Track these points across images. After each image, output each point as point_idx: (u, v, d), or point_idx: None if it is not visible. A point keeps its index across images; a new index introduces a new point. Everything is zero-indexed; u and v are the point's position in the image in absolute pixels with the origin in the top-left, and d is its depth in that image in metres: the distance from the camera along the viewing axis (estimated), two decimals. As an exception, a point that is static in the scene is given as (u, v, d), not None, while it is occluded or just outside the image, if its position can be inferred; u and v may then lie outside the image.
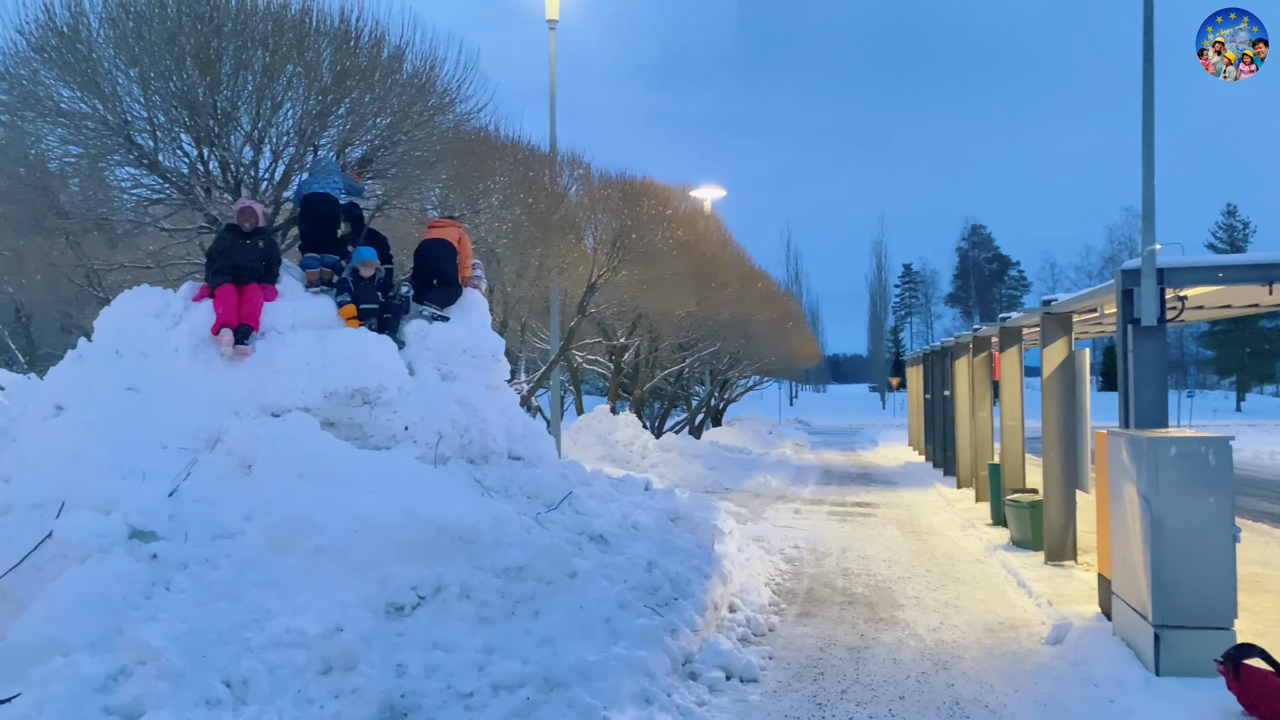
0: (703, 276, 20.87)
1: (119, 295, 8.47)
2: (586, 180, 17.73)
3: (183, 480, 6.85)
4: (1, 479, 7.17)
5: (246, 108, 8.59)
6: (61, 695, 4.97)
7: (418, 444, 8.13)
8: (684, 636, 6.68)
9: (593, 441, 20.38)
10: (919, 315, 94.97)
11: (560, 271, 15.96)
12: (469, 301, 9.51)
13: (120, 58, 8.22)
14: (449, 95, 9.78)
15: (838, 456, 28.83)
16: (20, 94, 8.38)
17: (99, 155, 8.73)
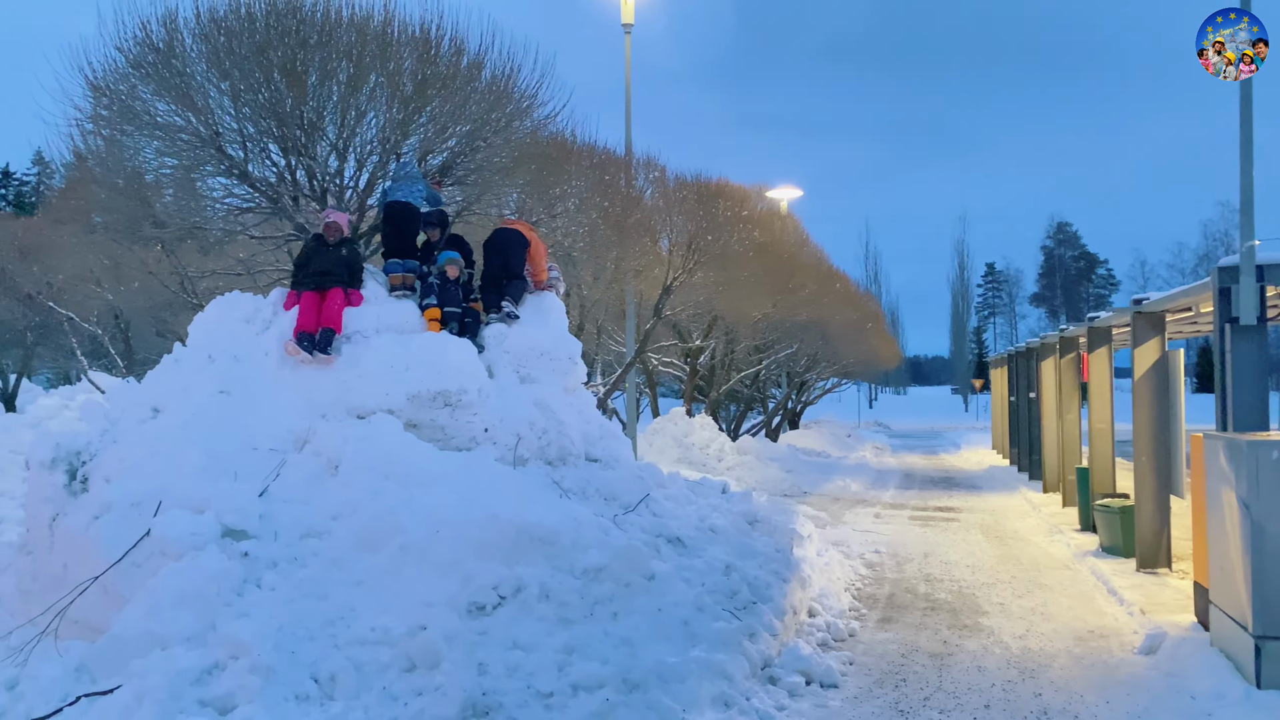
0: (779, 278, 20.72)
1: (211, 301, 8.79)
2: (662, 183, 17.78)
3: (272, 481, 7.07)
4: (103, 478, 7.48)
5: (332, 118, 8.84)
6: (160, 688, 5.17)
7: (497, 446, 8.26)
8: (763, 640, 6.65)
9: (668, 444, 20.39)
10: (1003, 315, 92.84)
11: (636, 274, 16.03)
12: (546, 305, 9.61)
13: (212, 72, 8.54)
14: (526, 101, 9.90)
15: (919, 460, 28.35)
16: (120, 109, 8.75)
17: (192, 166, 9.07)
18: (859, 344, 29.63)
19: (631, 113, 17.77)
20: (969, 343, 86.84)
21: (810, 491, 18.23)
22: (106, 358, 19.72)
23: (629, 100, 17.92)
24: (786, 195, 26.27)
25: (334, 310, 8.12)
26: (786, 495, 17.08)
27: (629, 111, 17.84)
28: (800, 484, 18.93)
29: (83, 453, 7.80)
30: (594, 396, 10.63)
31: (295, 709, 5.18)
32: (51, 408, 17.71)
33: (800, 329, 24.37)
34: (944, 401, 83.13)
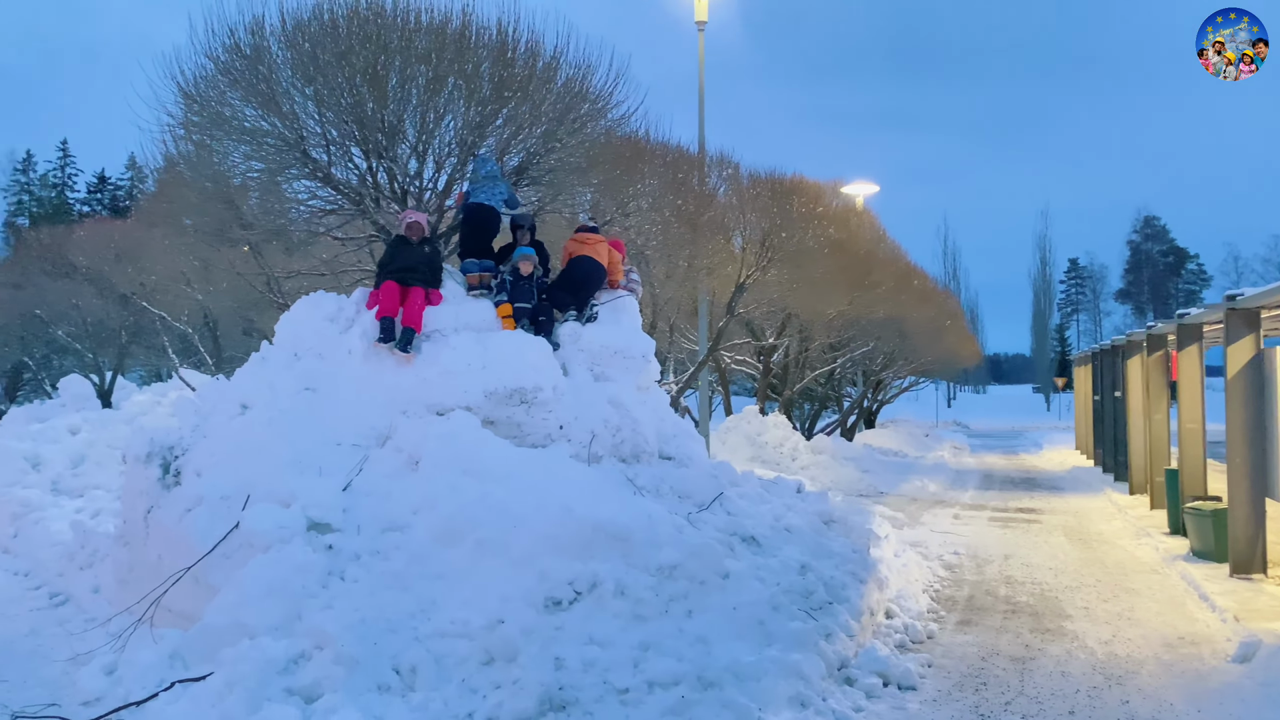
0: (855, 275, 20.47)
1: (297, 301, 9.04)
2: (735, 180, 17.71)
3: (355, 475, 7.25)
4: (195, 472, 7.76)
5: (411, 120, 9.02)
6: (249, 676, 5.34)
7: (572, 443, 8.33)
8: (839, 641, 6.59)
9: (741, 443, 20.29)
10: (1086, 312, 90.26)
11: (708, 272, 16.00)
12: (621, 304, 9.66)
13: (297, 77, 8.78)
14: (601, 102, 9.97)
15: (999, 460, 27.76)
16: (209, 115, 9.06)
17: (278, 170, 9.34)
18: (937, 342, 29.11)
19: (705, 110, 17.75)
20: (1051, 340, 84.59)
21: (887, 492, 17.99)
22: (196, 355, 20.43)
23: (702, 98, 17.89)
24: (862, 191, 25.94)
25: (415, 310, 8.29)
26: (862, 495, 16.87)
27: (702, 109, 17.81)
28: (876, 484, 18.68)
29: (175, 447, 8.11)
30: (667, 394, 10.64)
31: (378, 699, 5.31)
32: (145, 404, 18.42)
33: (877, 327, 24.04)
34: (1025, 400, 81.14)
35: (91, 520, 10.74)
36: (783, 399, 24.01)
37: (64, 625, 7.84)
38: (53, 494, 12.79)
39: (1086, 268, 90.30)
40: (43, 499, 12.30)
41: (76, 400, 19.79)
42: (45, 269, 22.73)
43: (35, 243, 24.65)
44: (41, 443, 14.30)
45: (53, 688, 6.20)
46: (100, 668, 6.24)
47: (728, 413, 23.78)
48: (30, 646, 7.25)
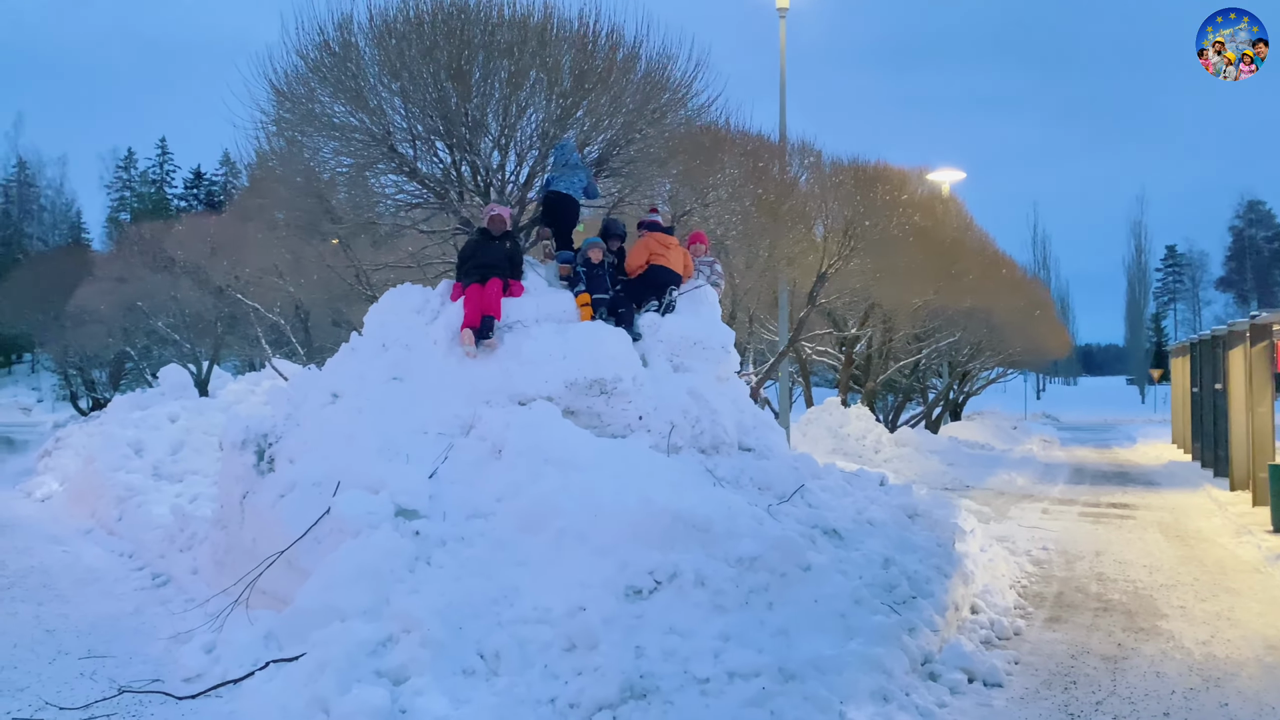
0: (941, 263, 20.08)
1: (384, 293, 9.26)
2: (817, 168, 17.54)
3: (441, 463, 7.41)
4: (288, 459, 8.02)
5: (494, 114, 9.14)
6: (339, 657, 5.51)
7: (651, 433, 8.37)
8: (923, 636, 6.51)
9: (823, 434, 20.13)
10: (1184, 301, 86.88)
11: (789, 262, 15.88)
12: (700, 295, 9.66)
13: (384, 74, 8.98)
14: (681, 92, 9.97)
15: (1090, 454, 26.98)
16: (300, 112, 9.32)
17: (366, 164, 9.57)
18: (1026, 332, 28.38)
19: (786, 98, 17.60)
20: (1146, 330, 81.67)
21: (973, 485, 17.64)
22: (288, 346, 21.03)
23: (783, 85, 17.75)
24: (948, 178, 25.41)
25: (493, 298, 8.42)
26: (947, 489, 16.57)
27: (783, 97, 17.68)
28: (962, 477, 18.34)
29: (269, 435, 8.39)
30: (747, 386, 10.61)
31: (463, 682, 5.43)
32: (239, 392, 19.06)
33: (963, 317, 23.55)
34: (1118, 392, 78.58)
35: (190, 504, 11.18)
36: (865, 390, 23.70)
37: (165, 605, 8.19)
38: (154, 479, 13.34)
39: (1185, 255, 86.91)
40: (145, 483, 12.84)
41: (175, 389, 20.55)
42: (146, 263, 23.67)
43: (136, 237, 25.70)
44: (143, 429, 14.91)
45: (156, 664, 6.48)
46: (200, 646, 6.50)
47: (808, 404, 23.59)
48: (135, 624, 7.59)
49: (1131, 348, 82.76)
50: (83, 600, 8.43)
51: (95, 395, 31.54)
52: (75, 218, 62.30)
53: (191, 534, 9.45)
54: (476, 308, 8.34)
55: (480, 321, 8.31)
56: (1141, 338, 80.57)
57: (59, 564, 10.09)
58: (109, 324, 25.60)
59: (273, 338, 21.40)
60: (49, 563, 10.13)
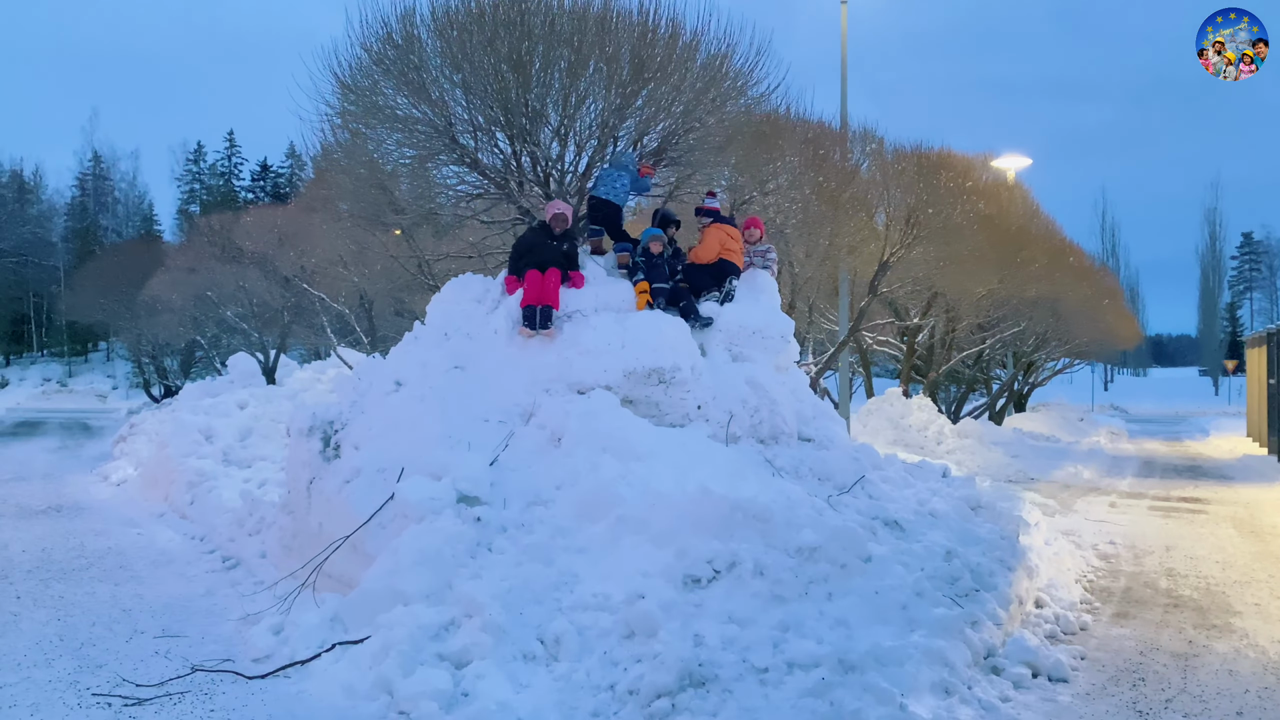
0: (1006, 252, 19.72)
1: (446, 283, 9.38)
2: (879, 155, 17.32)
3: (501, 451, 7.49)
4: (353, 446, 8.18)
5: (554, 105, 9.19)
6: (403, 640, 5.61)
7: (710, 423, 8.37)
8: (986, 629, 6.42)
9: (883, 425, 19.94)
10: (1261, 290, 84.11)
11: (850, 251, 15.73)
12: (759, 284, 9.62)
13: (445, 65, 9.08)
14: (741, 80, 9.91)
15: (1160, 446, 26.30)
16: (364, 104, 9.47)
17: (428, 156, 9.69)
18: (1094, 322, 27.74)
19: (848, 84, 17.41)
20: (1221, 320, 79.28)
21: (1038, 478, 17.32)
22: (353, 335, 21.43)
23: (845, 71, 17.55)
24: (1014, 164, 24.91)
25: (552, 288, 8.48)
26: (1011, 481, 16.30)
27: (845, 83, 17.48)
28: (1027, 470, 18.02)
29: (335, 422, 8.55)
30: (806, 376, 10.55)
31: (523, 667, 5.50)
32: (305, 380, 19.47)
33: (1029, 306, 23.10)
34: (1190, 384, 76.41)
35: (258, 490, 11.45)
36: (928, 381, 23.40)
37: (235, 587, 8.41)
38: (224, 464, 13.68)
39: (1262, 242, 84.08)
40: (215, 469, 13.19)
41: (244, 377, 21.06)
42: (215, 253, 24.30)
43: (206, 229, 26.39)
44: (213, 416, 15.30)
45: (227, 644, 6.67)
46: (268, 628, 6.67)
47: (869, 395, 23.36)
48: (207, 606, 7.81)
49: (1204, 338, 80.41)
50: (157, 581, 8.70)
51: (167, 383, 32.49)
52: (148, 210, 64.15)
53: (260, 518, 9.68)
54: (537, 289, 8.43)
55: (540, 302, 8.39)
56: (1215, 328, 78.23)
57: (134, 546, 10.42)
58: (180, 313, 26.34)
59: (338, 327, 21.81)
60: (124, 545, 10.47)
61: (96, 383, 48.59)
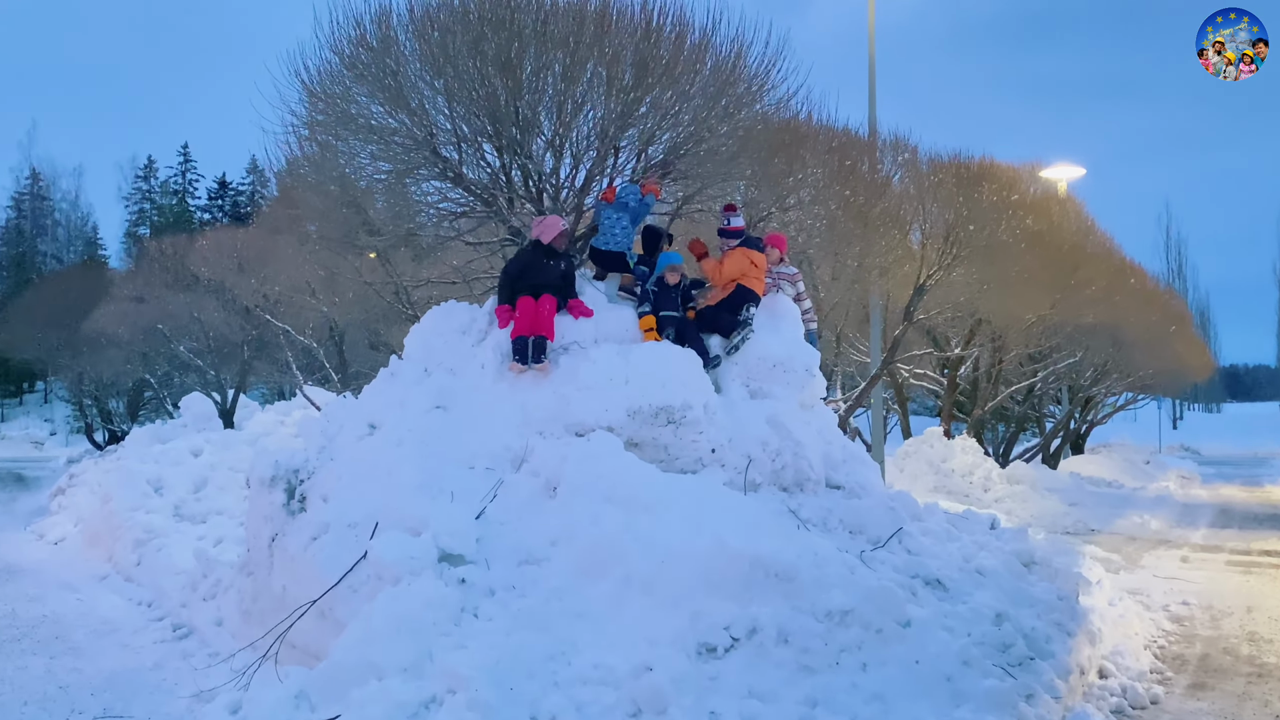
0: (1058, 273, 19.77)
1: (427, 312, 9.41)
2: (913, 165, 17.41)
3: (489, 502, 7.48)
4: (321, 498, 8.17)
5: (547, 112, 9.26)
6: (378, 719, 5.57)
7: (725, 468, 8.36)
8: (1042, 703, 6.37)
9: (923, 470, 19.95)
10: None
11: (882, 272, 15.77)
12: (780, 310, 9.63)
13: (426, 70, 9.16)
14: (757, 83, 9.99)
15: (1238, 492, 26.20)
16: (335, 113, 9.55)
17: (406, 170, 9.75)
18: (1159, 351, 27.73)
19: (876, 87, 17.55)
20: (1305, 349, 79.18)
21: (1099, 529, 17.28)
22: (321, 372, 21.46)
23: (873, 73, 17.70)
24: (1065, 175, 25.06)
25: (546, 316, 8.51)
26: (1069, 533, 16.27)
27: (873, 86, 17.62)
28: (1086, 519, 17.99)
29: (300, 471, 8.55)
30: (834, 414, 10.55)
31: (515, 750, 5.45)
32: (268, 424, 19.48)
33: (1085, 334, 23.13)
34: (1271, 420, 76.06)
35: (214, 548, 11.43)
36: (972, 419, 23.38)
37: (188, 659, 8.37)
38: (175, 519, 13.67)
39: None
40: (165, 524, 13.18)
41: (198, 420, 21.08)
42: (167, 281, 24.42)
43: (157, 254, 26.52)
44: (164, 465, 15.30)
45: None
46: (225, 706, 6.60)
47: (906, 435, 23.34)
48: (155, 680, 7.77)
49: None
50: (98, 653, 8.67)
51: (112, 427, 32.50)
52: (91, 233, 64.57)
53: (216, 581, 9.66)
54: (530, 318, 8.44)
55: (534, 333, 8.40)
56: (1298, 357, 78.12)
57: (73, 613, 10.39)
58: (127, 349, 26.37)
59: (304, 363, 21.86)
60: (62, 612, 10.43)
61: (32, 428, 48.63)
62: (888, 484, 14.65)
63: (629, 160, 9.96)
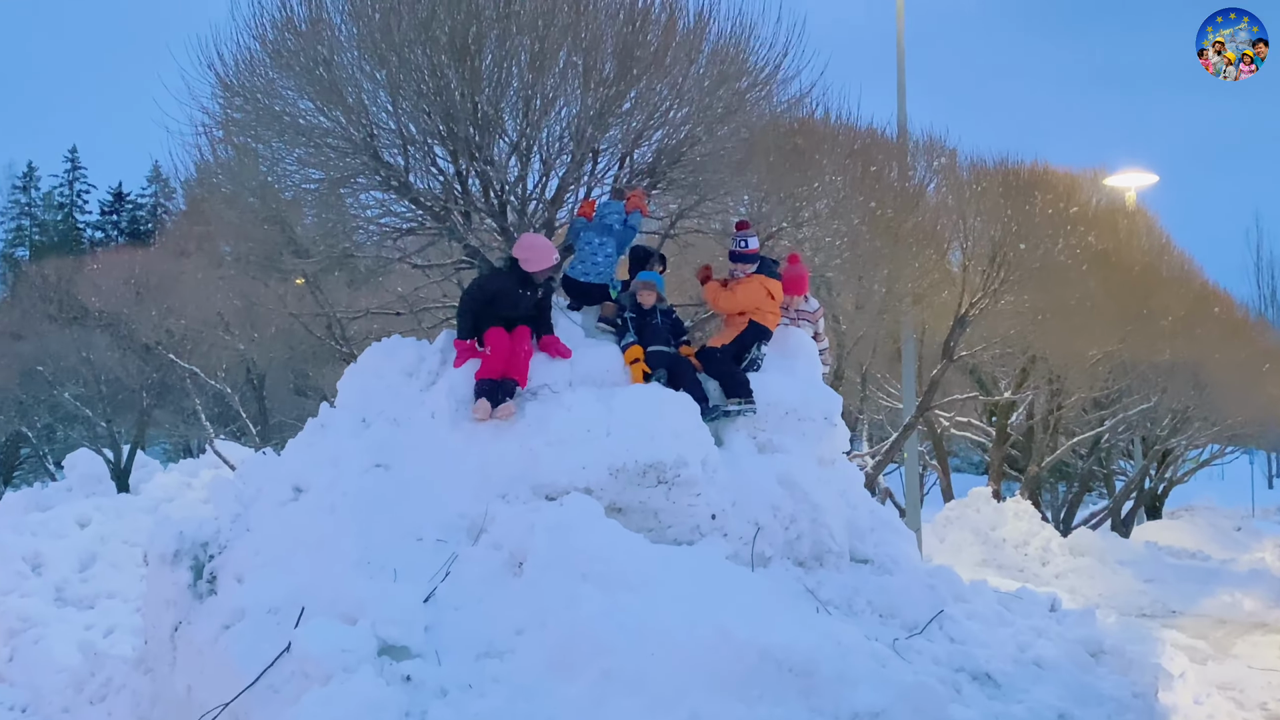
0: (1127, 300, 19.90)
1: (366, 349, 9.39)
2: (951, 172, 17.56)
3: (440, 582, 7.43)
4: (235, 577, 8.11)
5: (511, 109, 9.30)
6: None
7: (728, 538, 8.34)
8: (1115, 824, 6.35)
9: (968, 539, 19.95)
10: None
11: (915, 300, 15.85)
12: (793, 345, 9.63)
13: (365, 58, 9.19)
14: (764, 75, 10.07)
15: (1349, 565, 26.24)
16: (255, 110, 9.57)
17: (342, 179, 9.76)
18: (1250, 394, 27.83)
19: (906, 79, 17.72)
20: None
21: (1181, 610, 17.28)
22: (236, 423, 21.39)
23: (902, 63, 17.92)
24: (1134, 182, 25.26)
25: (524, 357, 8.49)
26: (1145, 615, 16.26)
27: (902, 78, 17.83)
28: (1166, 599, 17.99)
29: (210, 545, 8.48)
30: (860, 472, 10.56)
31: None
32: (171, 487, 19.38)
33: (1161, 374, 23.23)
34: (1388, 478, 76.57)
35: (104, 640, 11.31)
36: (1026, 477, 23.40)
37: (71, 776, 8.27)
38: (56, 604, 13.53)
39: None
40: (44, 611, 13.03)
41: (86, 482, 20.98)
42: (50, 313, 24.32)
43: (38, 280, 26.45)
44: (43, 538, 15.15)
45: None
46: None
47: (947, 497, 23.34)
48: (30, 805, 7.67)
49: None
50: (-40, 770, 8.56)
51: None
52: (-44, 256, 64.37)
53: (105, 680, 9.54)
54: (505, 357, 8.40)
55: (507, 375, 8.38)
56: None
57: (-71, 721, 10.26)
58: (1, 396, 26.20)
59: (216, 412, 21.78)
60: (-84, 719, 10.30)
61: (-118, 493, 48.29)
62: (925, 557, 14.64)
63: (610, 167, 10.00)
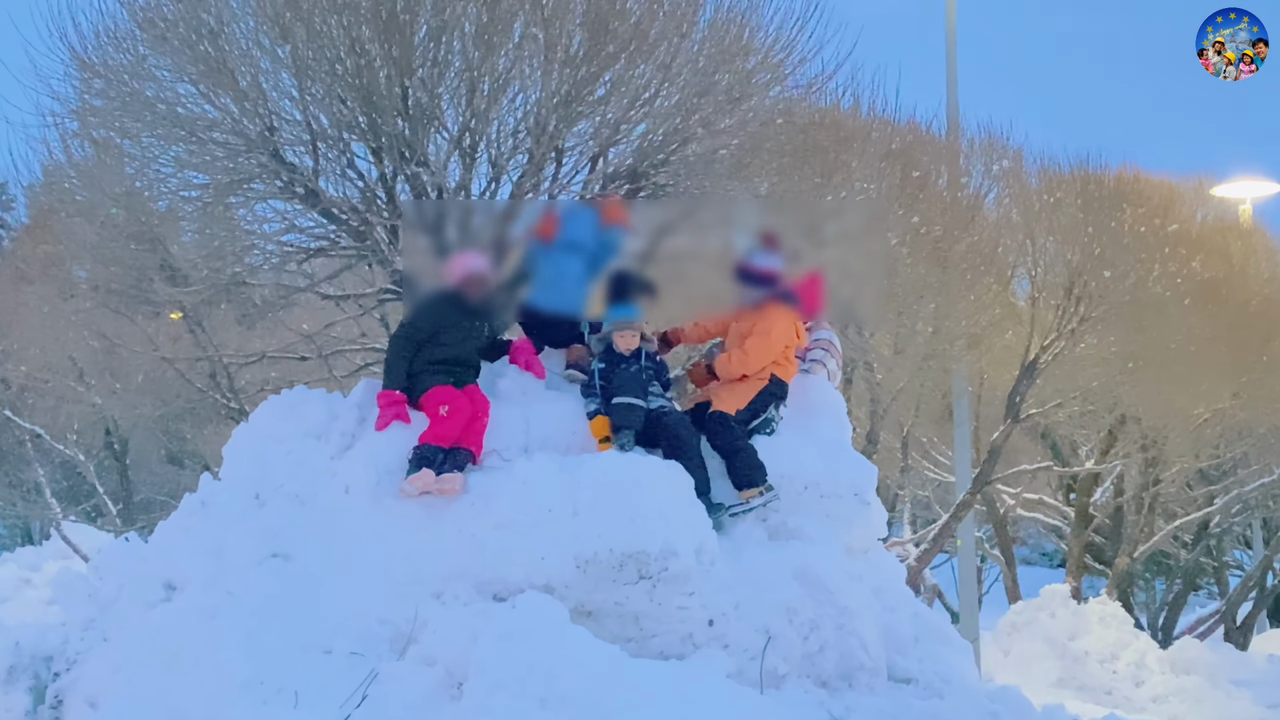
0: (1243, 344, 19.93)
1: (260, 404, 9.35)
2: (1016, 179, 17.64)
3: (355, 708, 7.40)
4: (86, 701, 8.06)
5: (452, 95, 9.32)
6: None
7: (730, 650, 8.32)
8: None
9: (1041, 650, 19.91)
10: None
11: (971, 343, 15.88)
12: (814, 398, 9.62)
13: (264, 30, 9.21)
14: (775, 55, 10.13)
15: None
16: (120, 96, 9.55)
17: (231, 185, 9.75)
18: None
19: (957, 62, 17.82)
20: None
21: (1315, 744, 17.29)
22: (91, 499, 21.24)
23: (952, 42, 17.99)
24: (1250, 192, 25.36)
25: (480, 424, 8.50)
26: (1269, 751, 16.26)
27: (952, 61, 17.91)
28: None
29: (55, 659, 8.44)
30: (900, 564, 10.57)
31: None
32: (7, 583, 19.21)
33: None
34: None
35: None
36: (1115, 572, 23.39)
37: None
38: None
39: None
40: None
41: (-106, 577, 20.76)
42: None
43: None
44: None
45: None
46: None
47: (1013, 597, 23.30)
48: None
49: None
50: None
51: None
52: None
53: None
54: (459, 422, 8.37)
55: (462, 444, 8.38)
56: None
57: None
58: None
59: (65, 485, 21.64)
60: None
61: None
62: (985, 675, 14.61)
63: (579, 169, 10.01)
